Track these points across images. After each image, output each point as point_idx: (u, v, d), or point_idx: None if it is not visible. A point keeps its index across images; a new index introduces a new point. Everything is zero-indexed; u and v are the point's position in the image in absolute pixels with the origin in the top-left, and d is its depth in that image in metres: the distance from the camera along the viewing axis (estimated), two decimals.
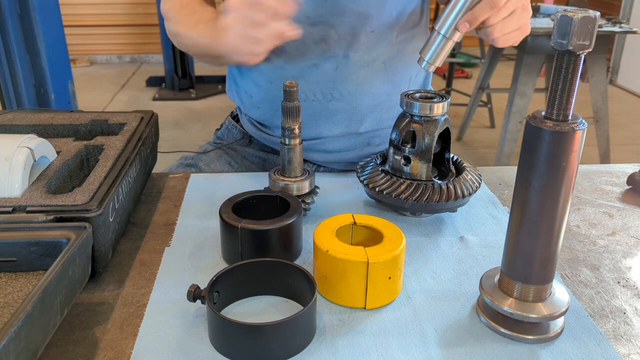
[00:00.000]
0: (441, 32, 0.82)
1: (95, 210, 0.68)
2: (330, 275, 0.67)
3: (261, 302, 0.69)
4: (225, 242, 0.76)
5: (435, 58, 0.84)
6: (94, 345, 0.61)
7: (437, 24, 0.82)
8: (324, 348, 0.61)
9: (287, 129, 0.83)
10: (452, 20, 0.81)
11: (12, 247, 0.63)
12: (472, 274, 0.75)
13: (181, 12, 1.00)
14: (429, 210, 0.87)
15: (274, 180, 0.86)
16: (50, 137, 0.90)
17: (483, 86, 3.78)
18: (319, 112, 1.03)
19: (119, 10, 5.89)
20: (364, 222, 0.74)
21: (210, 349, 0.61)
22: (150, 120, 1.00)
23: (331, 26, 0.97)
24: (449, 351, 0.61)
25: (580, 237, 0.85)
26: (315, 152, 1.08)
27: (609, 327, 0.66)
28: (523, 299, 0.63)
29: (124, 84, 5.31)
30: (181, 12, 1.00)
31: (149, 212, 0.90)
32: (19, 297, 0.60)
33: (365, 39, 0.99)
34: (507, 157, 3.26)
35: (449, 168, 0.93)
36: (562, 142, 0.55)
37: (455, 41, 0.83)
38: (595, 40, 0.53)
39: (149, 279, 0.73)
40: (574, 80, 0.54)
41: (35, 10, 2.39)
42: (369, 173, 0.89)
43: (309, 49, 0.99)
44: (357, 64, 1.00)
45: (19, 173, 0.73)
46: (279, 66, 1.02)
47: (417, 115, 0.85)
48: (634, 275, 0.76)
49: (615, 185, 1.03)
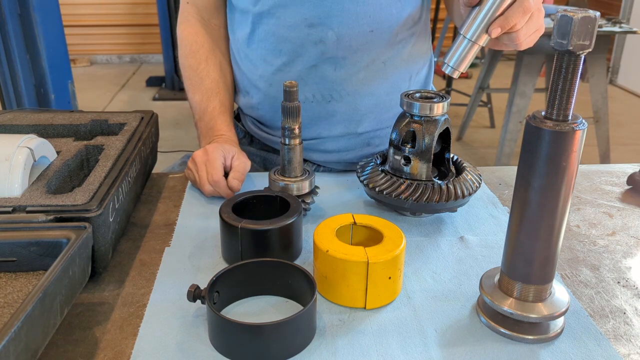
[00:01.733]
0: (467, 36, 0.79)
1: (95, 210, 0.68)
2: (330, 275, 0.67)
3: (261, 302, 0.69)
4: (225, 242, 0.76)
5: (460, 63, 0.81)
6: (94, 345, 0.61)
7: (462, 29, 0.80)
8: (324, 348, 0.61)
9: (287, 129, 0.83)
10: (478, 24, 0.78)
11: (12, 247, 0.63)
12: (472, 274, 0.75)
13: (188, 61, 1.10)
14: (429, 210, 0.87)
15: (274, 180, 0.86)
16: (50, 137, 0.90)
17: (483, 86, 3.78)
18: (318, 113, 1.03)
19: (119, 10, 5.88)
20: (364, 222, 0.74)
21: (210, 349, 0.61)
22: (150, 120, 1.00)
23: (329, 27, 0.97)
24: (449, 351, 0.61)
25: (580, 237, 0.85)
26: (315, 152, 1.08)
27: (609, 327, 0.66)
28: (523, 299, 0.63)
29: (124, 84, 5.31)
30: (188, 62, 1.10)
31: (149, 212, 0.90)
32: (19, 297, 0.60)
33: (364, 39, 0.98)
34: (507, 157, 3.26)
35: (449, 168, 0.93)
36: (562, 142, 0.55)
37: (481, 46, 0.80)
38: (595, 40, 0.53)
39: (149, 279, 0.73)
40: (574, 80, 0.54)
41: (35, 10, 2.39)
42: (369, 173, 0.89)
43: (307, 50, 0.99)
44: (356, 64, 1.00)
45: (19, 173, 0.73)
46: (278, 68, 1.02)
47: (417, 115, 0.85)
48: (634, 275, 0.76)
49: (615, 185, 1.03)
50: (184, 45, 1.11)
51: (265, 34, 1.01)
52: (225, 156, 0.94)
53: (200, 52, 1.09)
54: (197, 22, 1.11)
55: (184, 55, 1.11)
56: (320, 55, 0.99)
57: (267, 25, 1.00)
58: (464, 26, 0.79)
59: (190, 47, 1.10)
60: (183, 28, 1.12)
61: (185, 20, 1.12)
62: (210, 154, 0.94)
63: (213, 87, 1.07)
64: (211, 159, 0.93)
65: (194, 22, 1.11)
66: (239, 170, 0.93)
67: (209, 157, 0.93)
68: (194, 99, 1.08)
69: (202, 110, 1.06)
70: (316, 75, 1.00)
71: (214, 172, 0.91)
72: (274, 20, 0.99)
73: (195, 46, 1.09)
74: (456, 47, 0.80)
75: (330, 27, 0.97)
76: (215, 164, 0.92)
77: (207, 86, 1.07)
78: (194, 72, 1.08)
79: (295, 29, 0.98)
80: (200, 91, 1.07)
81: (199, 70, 1.08)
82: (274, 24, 0.99)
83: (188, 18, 1.11)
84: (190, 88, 1.09)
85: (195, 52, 1.09)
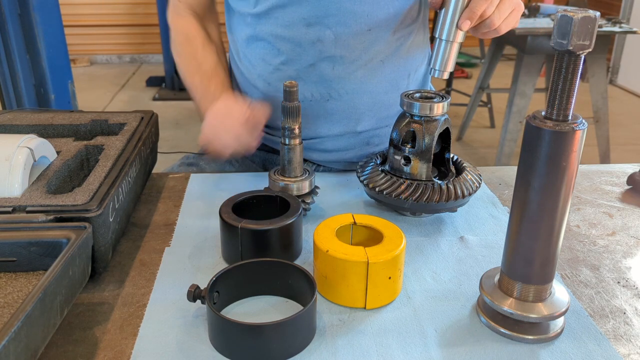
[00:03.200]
0: (443, 37, 0.83)
1: (95, 210, 0.68)
2: (330, 275, 0.67)
3: (261, 302, 0.69)
4: (225, 242, 0.76)
5: (445, 64, 0.84)
6: (94, 345, 0.61)
7: (436, 32, 0.83)
8: (324, 348, 0.61)
9: (287, 129, 0.83)
10: (449, 23, 0.82)
11: (12, 247, 0.63)
12: (472, 274, 0.75)
13: (184, 49, 1.09)
14: (429, 210, 0.87)
15: (274, 180, 0.86)
16: (50, 137, 0.90)
17: (483, 86, 3.78)
18: (317, 112, 1.03)
19: (119, 10, 5.88)
20: (364, 222, 0.74)
21: (210, 349, 0.61)
22: (150, 120, 1.00)
23: (327, 26, 0.97)
24: (449, 351, 0.61)
25: (580, 237, 0.85)
26: (315, 152, 1.08)
27: (609, 327, 0.66)
28: (523, 299, 0.63)
29: (124, 84, 5.31)
30: (184, 50, 1.09)
31: (149, 212, 0.90)
32: (19, 297, 0.60)
33: (362, 37, 0.98)
34: (507, 157, 3.26)
35: (449, 168, 0.93)
36: (562, 142, 0.55)
37: (459, 42, 0.83)
38: (595, 40, 0.53)
39: (149, 279, 0.73)
40: (574, 80, 0.54)
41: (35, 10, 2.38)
42: (368, 173, 0.89)
43: (305, 50, 0.99)
44: (354, 63, 1.00)
45: (19, 173, 0.73)
46: (276, 67, 1.02)
47: (417, 115, 0.85)
48: (634, 275, 0.76)
49: (615, 185, 1.03)
50: (179, 33, 1.10)
51: (264, 34, 1.01)
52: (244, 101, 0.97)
53: (197, 40, 1.09)
54: (190, 15, 1.11)
55: (179, 44, 1.10)
56: (318, 54, 0.99)
57: (265, 25, 1.00)
58: (437, 29, 0.83)
59: (186, 35, 1.09)
60: (176, 20, 1.11)
61: (176, 14, 1.12)
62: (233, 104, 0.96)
63: (212, 70, 1.07)
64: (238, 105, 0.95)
65: (186, 15, 1.11)
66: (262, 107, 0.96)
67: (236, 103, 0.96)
68: (193, 82, 1.07)
69: (203, 89, 1.05)
70: (315, 74, 1.00)
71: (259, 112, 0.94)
72: (272, 21, 0.99)
73: (191, 35, 1.09)
74: (436, 50, 0.85)
75: (328, 26, 0.97)
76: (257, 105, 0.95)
77: (206, 69, 1.07)
78: (192, 58, 1.08)
79: (293, 29, 0.98)
80: (199, 73, 1.07)
81: (196, 56, 1.08)
82: (272, 24, 0.99)
83: (179, 12, 1.11)
84: (188, 73, 1.08)
85: (191, 39, 1.09)
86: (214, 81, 1.06)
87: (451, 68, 0.85)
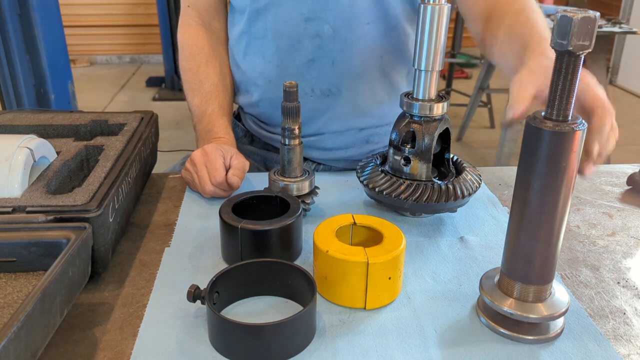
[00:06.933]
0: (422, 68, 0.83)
1: (95, 211, 0.68)
2: (330, 275, 0.67)
3: (261, 302, 0.69)
4: (225, 242, 0.76)
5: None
6: (94, 346, 0.61)
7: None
8: (324, 348, 0.61)
9: (287, 130, 0.83)
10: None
11: (12, 247, 0.63)
12: (472, 274, 0.75)
13: (188, 64, 1.09)
14: (429, 211, 0.87)
15: (274, 180, 0.86)
16: (50, 137, 0.90)
17: (483, 86, 3.77)
18: (317, 108, 1.03)
19: (119, 10, 5.88)
20: (364, 223, 0.74)
21: (210, 349, 0.61)
22: (150, 121, 1.00)
23: (325, 21, 0.96)
24: (449, 351, 0.61)
25: (580, 238, 0.85)
26: (315, 150, 1.08)
27: (609, 328, 0.66)
28: (523, 299, 0.63)
29: (123, 84, 5.31)
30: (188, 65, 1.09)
31: (149, 212, 0.90)
32: (18, 297, 0.60)
33: (360, 32, 0.98)
34: (507, 158, 3.25)
35: (448, 168, 0.93)
36: (562, 143, 0.55)
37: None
38: (595, 40, 0.53)
39: (148, 279, 0.73)
40: (574, 81, 0.54)
41: (35, 10, 2.39)
42: (368, 173, 0.89)
43: (303, 45, 0.99)
44: (353, 58, 1.00)
45: (18, 173, 0.73)
46: (276, 64, 1.02)
47: (417, 115, 0.85)
48: (634, 276, 0.76)
49: (615, 186, 1.03)
50: (184, 48, 1.11)
51: (263, 31, 1.01)
52: (224, 156, 0.93)
53: (200, 55, 1.09)
54: (198, 25, 1.11)
55: (183, 58, 1.11)
56: (317, 49, 0.99)
57: (263, 21, 1.00)
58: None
59: (190, 50, 1.09)
60: (183, 31, 1.12)
61: (185, 24, 1.12)
62: (210, 154, 0.92)
63: (212, 90, 1.07)
64: (211, 159, 0.91)
65: (194, 25, 1.11)
66: (239, 167, 0.92)
67: (209, 157, 0.92)
68: (192, 102, 1.07)
69: (200, 112, 1.05)
70: (314, 69, 1.00)
71: (217, 173, 0.89)
72: (271, 17, 0.99)
73: (195, 49, 1.09)
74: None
75: (327, 20, 0.97)
76: (216, 164, 0.90)
77: (206, 89, 1.06)
78: (194, 75, 1.08)
79: (292, 24, 0.98)
80: (199, 94, 1.06)
81: (198, 73, 1.08)
82: (271, 20, 0.99)
83: (188, 21, 1.11)
84: (190, 91, 1.08)
85: (195, 55, 1.09)
86: (211, 105, 1.05)
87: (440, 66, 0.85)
